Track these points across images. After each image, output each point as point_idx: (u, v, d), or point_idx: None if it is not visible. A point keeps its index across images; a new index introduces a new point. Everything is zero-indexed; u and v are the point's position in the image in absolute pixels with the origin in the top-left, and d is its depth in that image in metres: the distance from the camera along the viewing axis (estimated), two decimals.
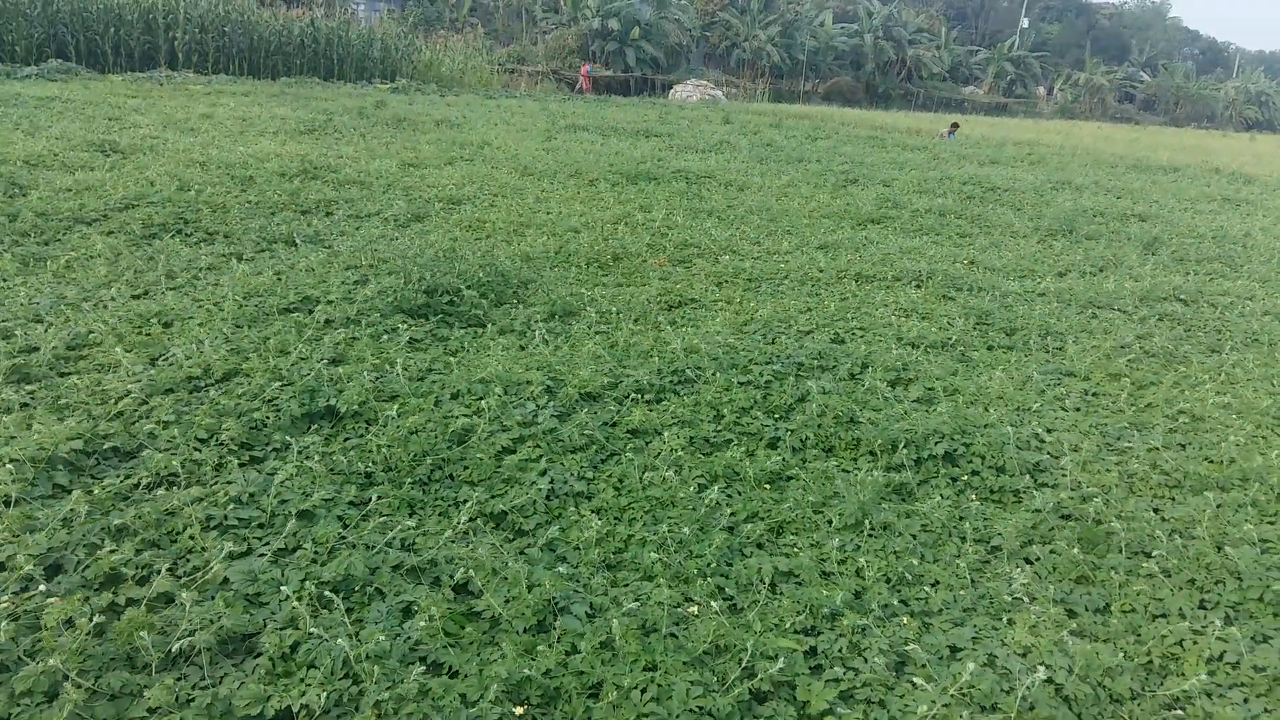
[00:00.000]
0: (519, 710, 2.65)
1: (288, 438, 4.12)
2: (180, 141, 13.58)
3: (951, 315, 7.42)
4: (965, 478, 4.57)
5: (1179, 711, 3.02)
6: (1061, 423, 5.26)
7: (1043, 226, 11.93)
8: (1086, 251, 10.51)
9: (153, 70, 27.13)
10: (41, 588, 2.94)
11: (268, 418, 4.31)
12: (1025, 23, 64.39)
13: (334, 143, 15.41)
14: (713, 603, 3.08)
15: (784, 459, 4.67)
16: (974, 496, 4.43)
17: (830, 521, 4.06)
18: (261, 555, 3.34)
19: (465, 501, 3.84)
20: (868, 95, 54.78)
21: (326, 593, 3.06)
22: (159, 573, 3.10)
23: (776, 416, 5.15)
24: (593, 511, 3.92)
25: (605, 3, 48.04)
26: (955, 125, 25.46)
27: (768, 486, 4.45)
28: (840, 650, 3.09)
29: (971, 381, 5.84)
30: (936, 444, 4.71)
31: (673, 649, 2.89)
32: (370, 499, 3.80)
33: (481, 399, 4.72)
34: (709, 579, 3.46)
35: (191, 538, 3.40)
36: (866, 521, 4.02)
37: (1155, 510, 4.34)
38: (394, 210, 10.11)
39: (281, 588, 3.09)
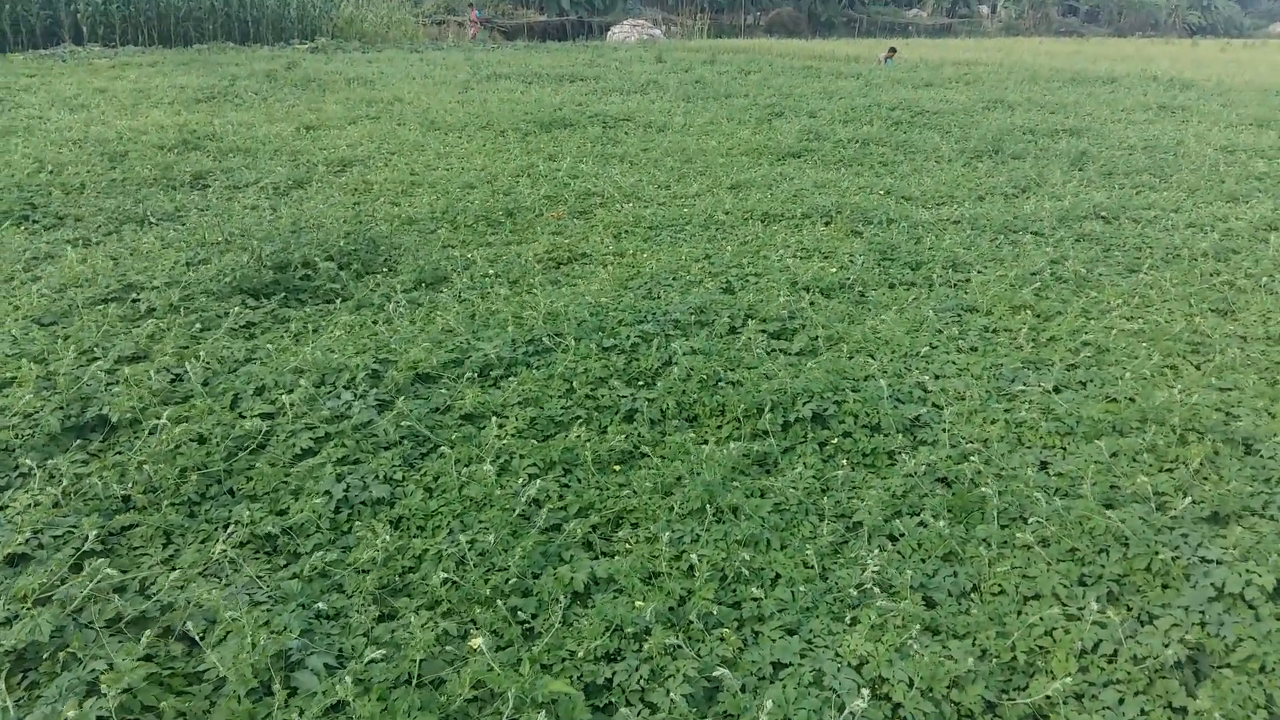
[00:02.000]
0: None
1: (30, 461, 3.51)
2: (62, 120, 12.67)
3: (855, 252, 6.89)
4: (835, 441, 4.07)
5: None
6: (952, 367, 4.77)
7: (968, 149, 11.39)
8: (1011, 172, 10.00)
9: (57, 46, 25.72)
10: None
11: (18, 436, 3.71)
12: None
13: (232, 109, 14.52)
14: (480, 638, 2.55)
15: (639, 434, 4.15)
16: (844, 462, 3.93)
17: (671, 509, 3.55)
18: None
19: (236, 523, 3.29)
20: (811, 25, 53.53)
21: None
22: None
23: (641, 384, 4.62)
24: (390, 522, 3.38)
25: None
26: (893, 50, 24.70)
27: (617, 469, 3.93)
28: (639, 682, 2.59)
29: (861, 327, 5.33)
30: (805, 404, 4.20)
31: (418, 707, 2.37)
32: (120, 529, 3.23)
33: (291, 392, 4.13)
34: (505, 599, 2.94)
35: None
36: (709, 506, 3.51)
37: (1042, 465, 3.87)
38: (274, 178, 9.38)
39: None
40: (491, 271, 6.54)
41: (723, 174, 9.91)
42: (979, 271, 6.38)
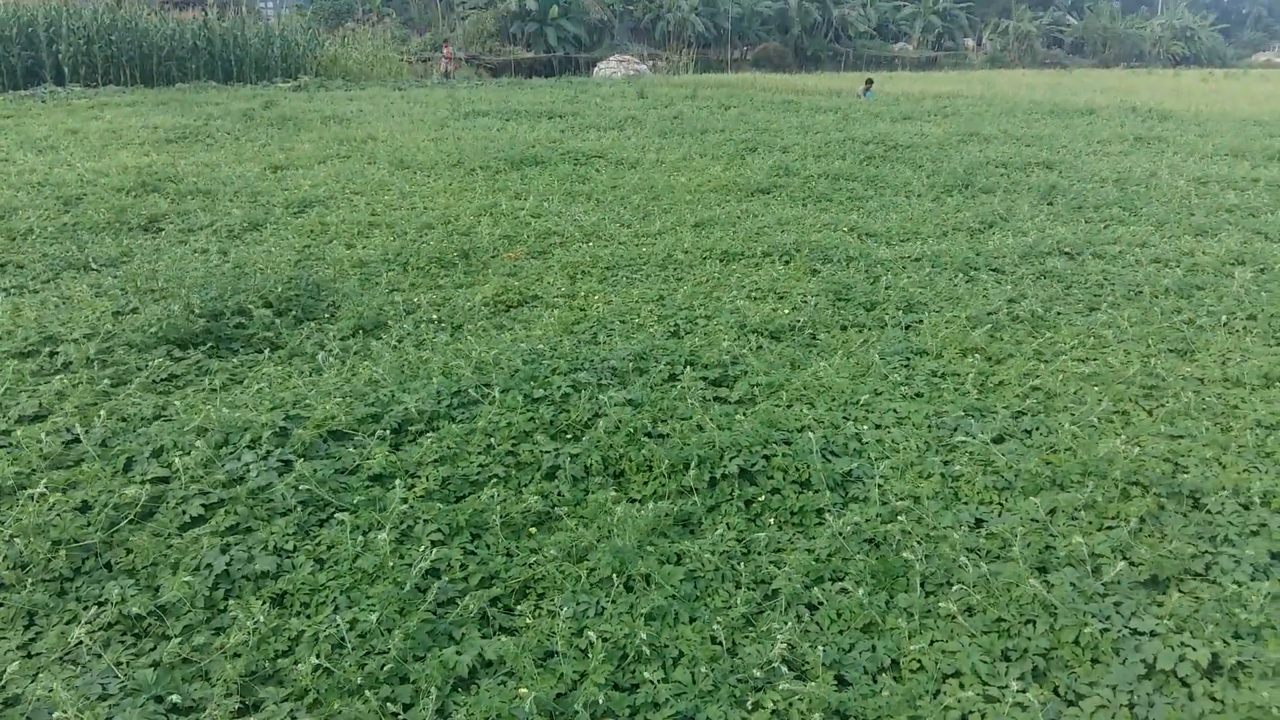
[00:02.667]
0: None
1: None
2: (26, 162, 12.55)
3: (810, 292, 6.72)
4: (763, 499, 3.86)
5: None
6: (892, 416, 4.58)
7: (939, 184, 11.28)
8: (979, 207, 9.88)
9: (37, 87, 25.74)
10: None
11: None
12: None
13: (202, 150, 14.42)
14: None
15: (559, 494, 3.95)
16: (771, 521, 3.73)
17: (579, 577, 3.34)
18: None
19: (106, 602, 3.07)
20: (797, 59, 54.04)
21: None
22: None
23: (569, 437, 4.41)
24: (272, 598, 3.16)
25: None
26: (869, 82, 24.79)
27: (533, 532, 3.72)
28: None
29: (804, 373, 5.14)
30: (732, 459, 4.00)
31: None
32: None
33: (187, 454, 3.92)
34: (378, 689, 2.72)
35: None
36: (619, 575, 3.30)
37: (977, 523, 3.66)
38: (229, 220, 9.23)
39: None
40: (435, 317, 6.37)
41: (688, 212, 9.78)
42: (934, 312, 6.21)
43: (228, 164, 12.82)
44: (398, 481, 3.78)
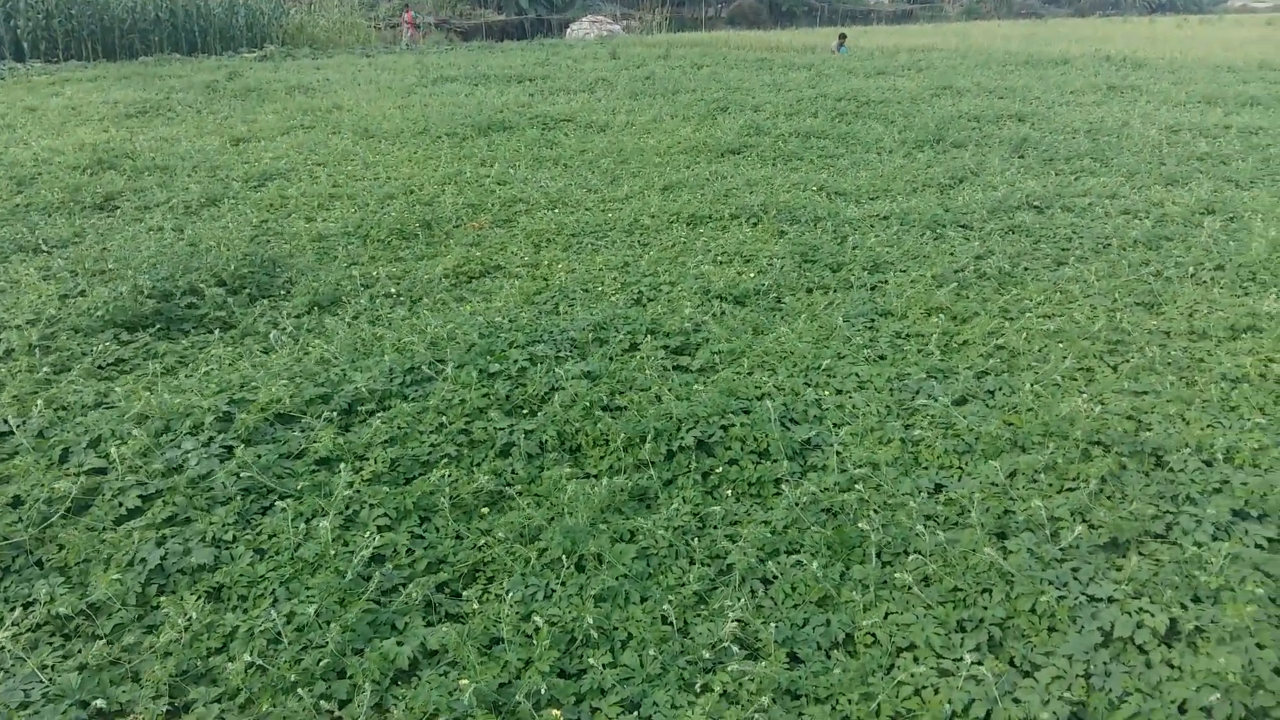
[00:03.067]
0: None
1: None
2: None
3: (777, 254, 6.60)
4: (720, 470, 3.77)
5: None
6: (854, 380, 4.49)
7: (910, 139, 11.13)
8: (950, 162, 9.75)
9: None
10: None
11: None
12: None
13: (162, 124, 14.07)
14: None
15: (513, 471, 3.85)
16: (729, 493, 3.64)
17: (529, 559, 3.25)
18: None
19: (33, 603, 2.96)
20: (773, 16, 53.28)
21: None
22: None
23: (524, 413, 4.30)
24: (208, 592, 3.06)
25: None
26: (843, 36, 24.46)
27: (485, 513, 3.62)
28: None
29: (766, 338, 5.04)
30: (689, 431, 3.90)
31: None
32: None
33: (124, 443, 3.79)
34: (312, 684, 2.62)
35: None
36: (569, 555, 3.21)
37: (937, 488, 3.59)
38: (186, 196, 9.00)
39: None
40: (393, 290, 6.22)
41: (656, 175, 9.61)
42: (900, 271, 6.11)
43: (188, 138, 12.52)
44: (344, 465, 3.67)
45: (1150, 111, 12.70)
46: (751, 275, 6.18)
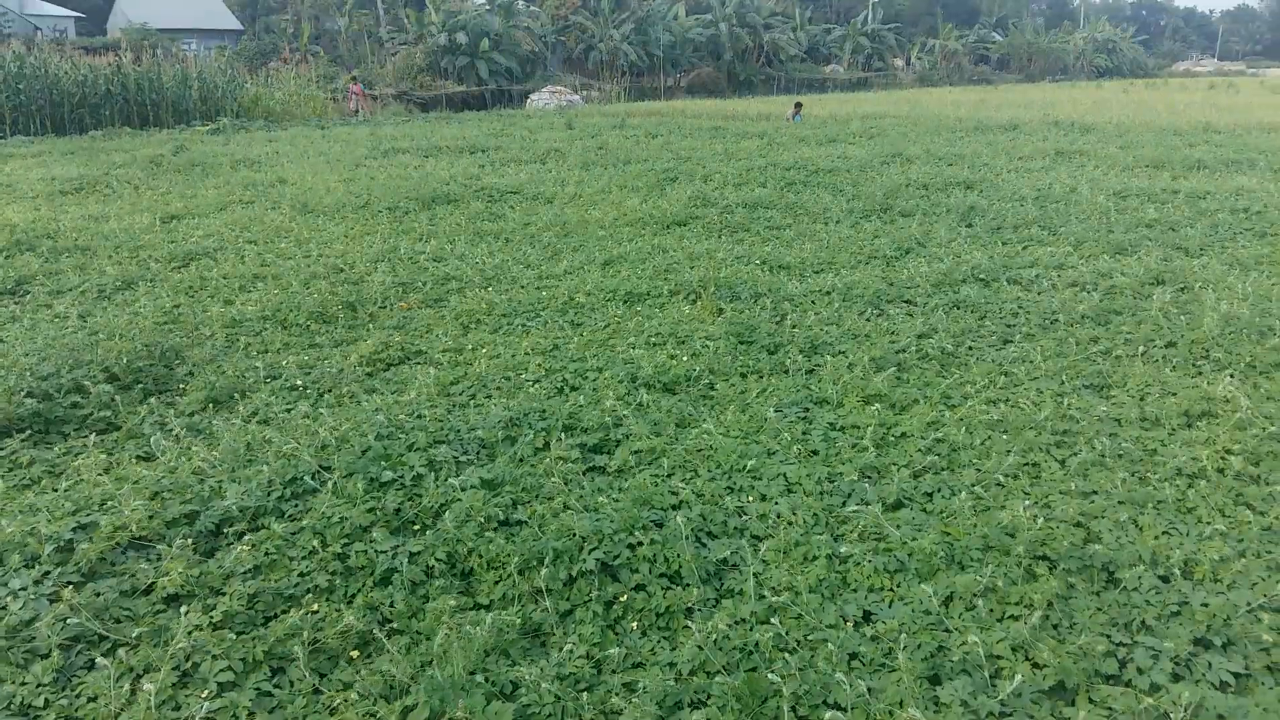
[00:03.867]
0: None
1: None
2: None
3: (713, 335, 6.26)
4: (625, 598, 3.34)
5: None
6: (782, 482, 4.09)
7: (858, 208, 10.97)
8: (897, 232, 9.54)
9: None
10: None
11: None
12: None
13: (97, 201, 13.64)
14: None
15: (391, 605, 3.39)
16: (635, 625, 3.21)
17: None
18: None
19: None
20: (730, 84, 54.27)
21: None
22: None
23: (415, 528, 3.86)
24: None
25: (450, 16, 46.31)
26: (798, 105, 24.70)
27: (355, 657, 3.15)
28: None
29: (690, 433, 4.65)
30: (591, 552, 3.47)
31: None
32: None
33: None
34: None
35: None
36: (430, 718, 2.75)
37: (865, 617, 3.18)
38: (101, 280, 8.55)
39: None
40: (299, 383, 5.78)
41: (598, 249, 9.32)
42: (839, 354, 5.77)
43: (119, 216, 12.08)
44: (189, 605, 3.19)
45: (1098, 177, 12.69)
46: (684, 359, 5.83)
